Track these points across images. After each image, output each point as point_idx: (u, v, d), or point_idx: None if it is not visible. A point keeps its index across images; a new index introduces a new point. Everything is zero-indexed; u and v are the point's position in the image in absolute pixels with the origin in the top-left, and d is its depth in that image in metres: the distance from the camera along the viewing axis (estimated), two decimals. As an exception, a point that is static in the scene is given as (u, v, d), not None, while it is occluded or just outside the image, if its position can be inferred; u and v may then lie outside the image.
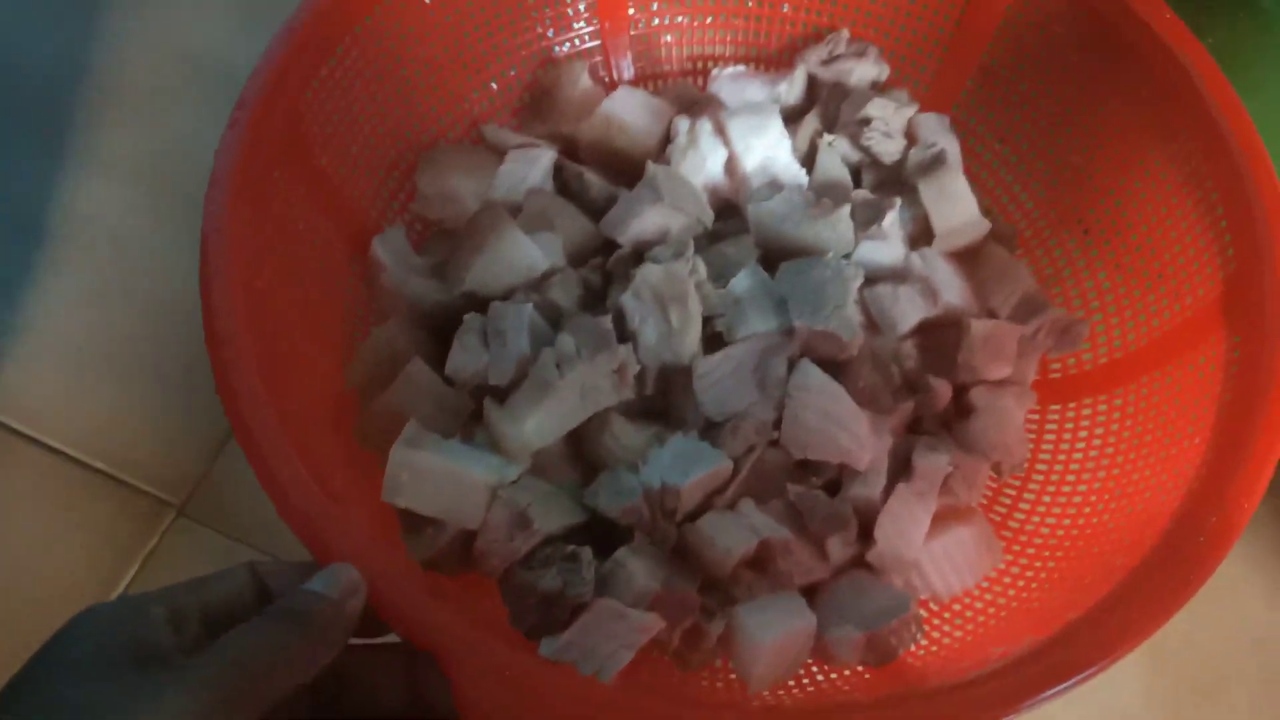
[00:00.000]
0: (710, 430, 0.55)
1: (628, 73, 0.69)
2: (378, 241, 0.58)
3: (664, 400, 0.56)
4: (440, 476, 0.50)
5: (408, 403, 0.53)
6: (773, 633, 0.50)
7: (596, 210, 0.61)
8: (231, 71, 0.79)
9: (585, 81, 0.64)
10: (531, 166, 0.62)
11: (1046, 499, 0.56)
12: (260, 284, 0.49)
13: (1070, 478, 0.56)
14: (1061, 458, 0.57)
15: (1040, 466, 0.57)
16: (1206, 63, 0.52)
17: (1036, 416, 0.59)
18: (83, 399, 0.68)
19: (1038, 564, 0.53)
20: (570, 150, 0.64)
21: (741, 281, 0.55)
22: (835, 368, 0.54)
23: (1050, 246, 0.62)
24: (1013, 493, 0.57)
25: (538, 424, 0.52)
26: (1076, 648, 0.42)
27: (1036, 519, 0.56)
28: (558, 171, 0.63)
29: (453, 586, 0.52)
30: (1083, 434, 0.57)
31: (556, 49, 0.67)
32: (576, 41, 0.67)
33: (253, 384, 0.46)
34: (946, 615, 0.54)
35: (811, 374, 0.53)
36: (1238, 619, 0.66)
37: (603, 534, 0.52)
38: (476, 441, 0.54)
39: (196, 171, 0.73)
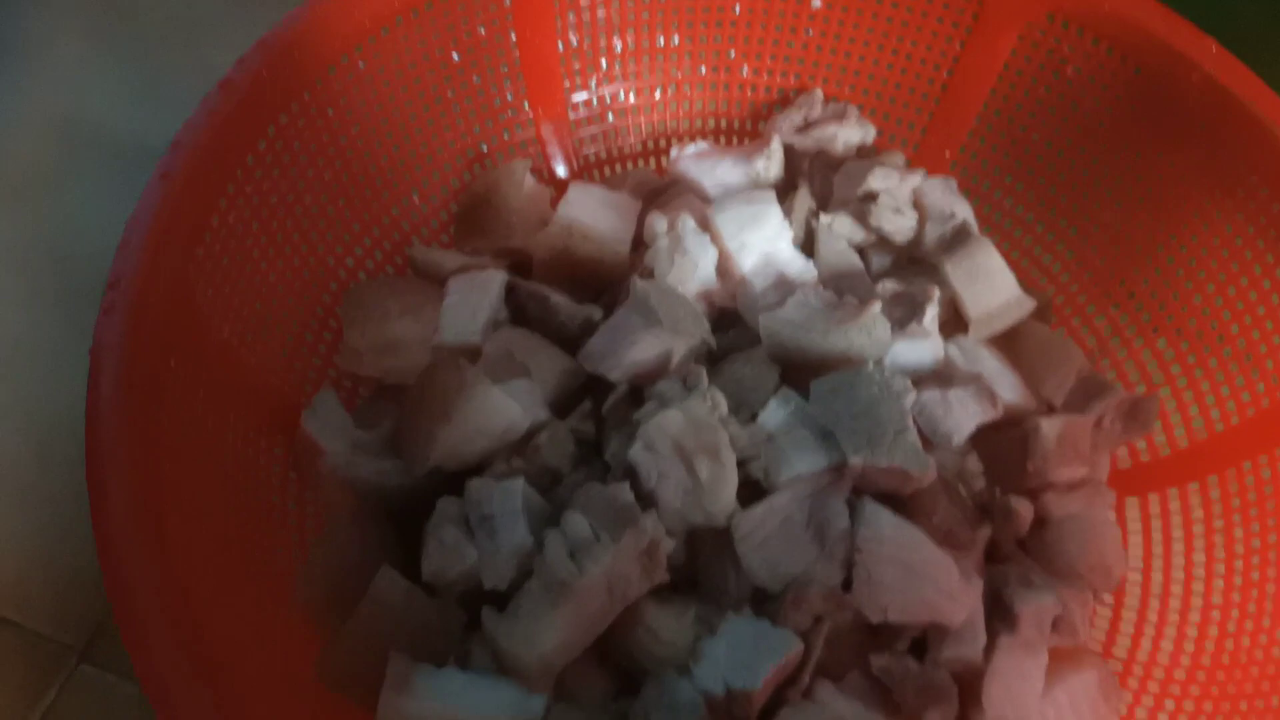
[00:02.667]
0: (763, 601, 0.44)
1: (569, 165, 0.58)
2: (307, 417, 0.46)
3: (693, 567, 0.46)
4: (449, 731, 0.38)
5: (382, 629, 0.42)
6: None
7: (569, 338, 0.50)
8: (121, 146, 0.68)
9: (529, 183, 0.54)
10: (482, 295, 0.50)
11: (1153, 616, 0.48)
12: (172, 518, 0.37)
13: (1176, 589, 0.48)
14: (1158, 563, 0.49)
15: (1134, 575, 0.49)
16: (1260, 89, 0.45)
17: (1114, 516, 0.51)
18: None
19: (1169, 704, 0.45)
20: (521, 265, 0.53)
21: (774, 413, 0.45)
22: (898, 503, 0.45)
23: (1090, 316, 0.54)
24: (1109, 613, 0.49)
25: (559, 637, 0.40)
26: None
27: (1148, 644, 0.47)
28: (511, 294, 0.52)
29: None
30: (1177, 533, 0.49)
31: (484, 145, 0.56)
32: (506, 134, 0.56)
33: (179, 667, 0.34)
34: (1075, 782, 0.45)
35: (882, 520, 0.43)
36: None
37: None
38: (476, 663, 0.42)
39: (86, 258, 0.62)
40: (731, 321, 0.52)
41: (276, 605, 0.43)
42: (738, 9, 0.54)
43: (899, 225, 0.52)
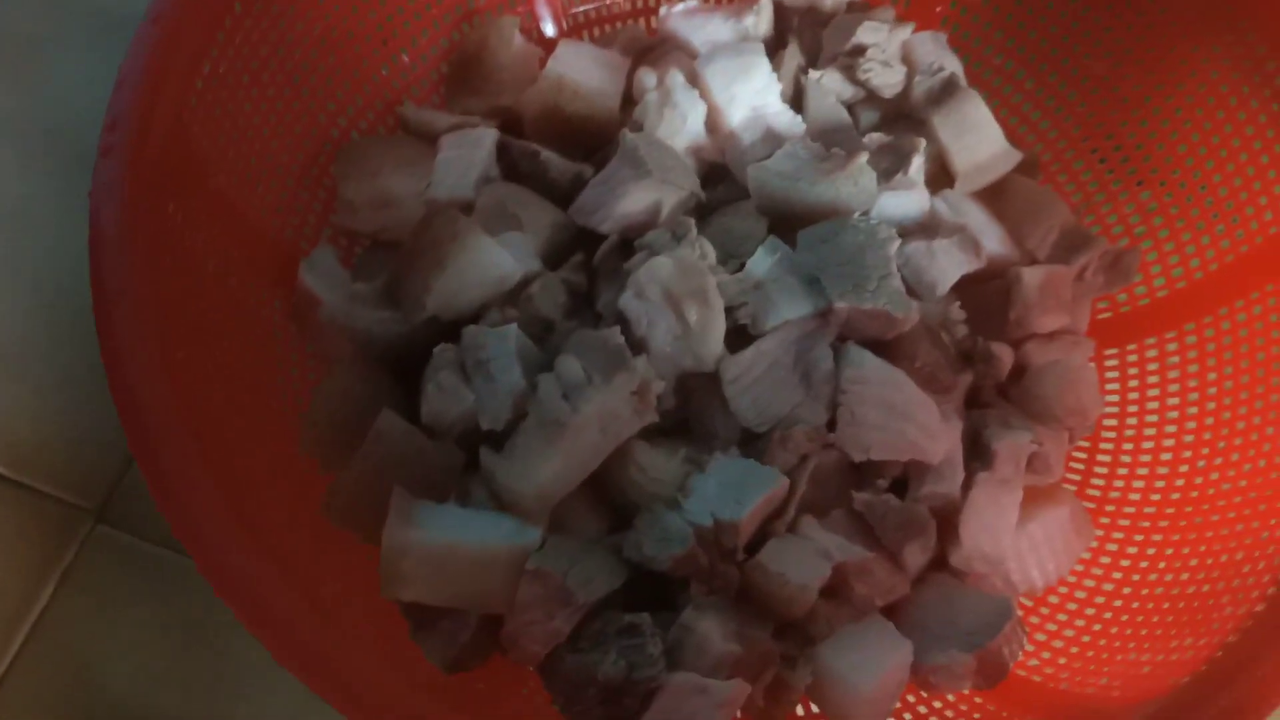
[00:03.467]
0: (750, 441, 0.46)
1: (559, 24, 0.58)
2: (305, 268, 0.47)
3: (683, 411, 0.48)
4: (449, 557, 0.40)
5: (384, 467, 0.43)
6: (870, 674, 0.42)
7: (560, 194, 0.51)
8: (110, 15, 0.66)
9: (518, 40, 0.54)
10: (474, 151, 0.51)
11: (1126, 458, 0.50)
12: (180, 354, 0.38)
13: (1150, 431, 0.49)
14: (1133, 409, 0.51)
15: (1109, 421, 0.51)
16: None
17: (1093, 364, 0.52)
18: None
19: (1138, 538, 0.47)
20: (512, 125, 0.54)
21: (761, 261, 0.46)
22: (883, 348, 0.46)
23: (1076, 171, 0.55)
24: (1084, 456, 0.51)
25: (554, 472, 0.42)
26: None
27: (1120, 483, 0.49)
28: (503, 153, 0.52)
29: (482, 686, 0.42)
30: (1153, 380, 0.51)
31: (472, 2, 0.55)
32: (497, -11, 0.56)
33: (202, 493, 0.36)
34: (1045, 612, 0.47)
35: (866, 362, 0.45)
36: None
37: (648, 584, 0.44)
38: (475, 501, 0.44)
39: (83, 127, 0.61)
40: (721, 175, 0.52)
41: (281, 446, 0.45)
42: None
43: (887, 79, 0.52)
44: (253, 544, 0.36)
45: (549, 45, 0.56)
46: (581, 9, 0.58)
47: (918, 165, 0.48)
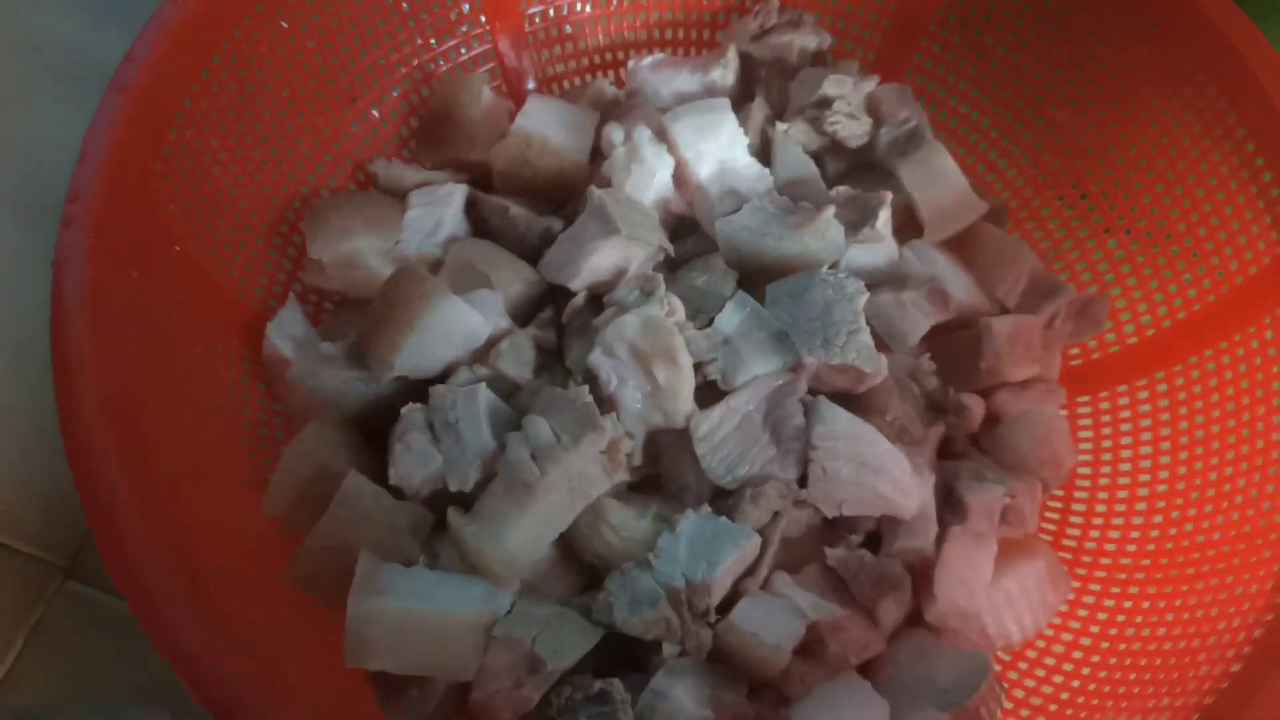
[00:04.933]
0: (720, 498, 0.46)
1: (528, 79, 0.58)
2: (272, 329, 0.47)
3: (654, 468, 0.47)
4: (417, 624, 0.40)
5: (351, 530, 0.43)
6: (845, 735, 0.42)
7: (529, 249, 0.51)
8: (83, 66, 0.66)
9: (487, 96, 0.54)
10: (443, 208, 0.51)
11: (1101, 508, 0.49)
12: (142, 426, 0.38)
13: (1124, 480, 0.49)
14: (1107, 457, 0.50)
15: (1083, 469, 0.51)
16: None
17: (1065, 411, 0.52)
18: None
19: (1114, 590, 0.46)
20: (481, 179, 0.54)
21: (730, 317, 0.46)
22: (854, 402, 0.46)
23: (1044, 219, 0.55)
24: (1059, 505, 0.51)
25: (524, 535, 0.42)
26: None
27: (1096, 534, 0.49)
28: (472, 207, 0.52)
29: (453, 756, 0.41)
30: (1126, 427, 0.50)
31: (441, 61, 0.56)
32: (463, 49, 0.56)
33: (160, 571, 0.35)
34: (1024, 666, 0.47)
35: (837, 418, 0.44)
36: None
37: (620, 648, 0.43)
38: (444, 564, 0.43)
39: (55, 179, 0.60)
40: (689, 229, 0.52)
41: (246, 511, 0.44)
42: (692, -84, 0.54)
43: (853, 130, 0.52)
44: (211, 625, 0.35)
45: (519, 99, 0.57)
46: (550, 65, 0.58)
47: (885, 218, 0.48)
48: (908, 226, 0.52)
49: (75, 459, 0.36)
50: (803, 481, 0.45)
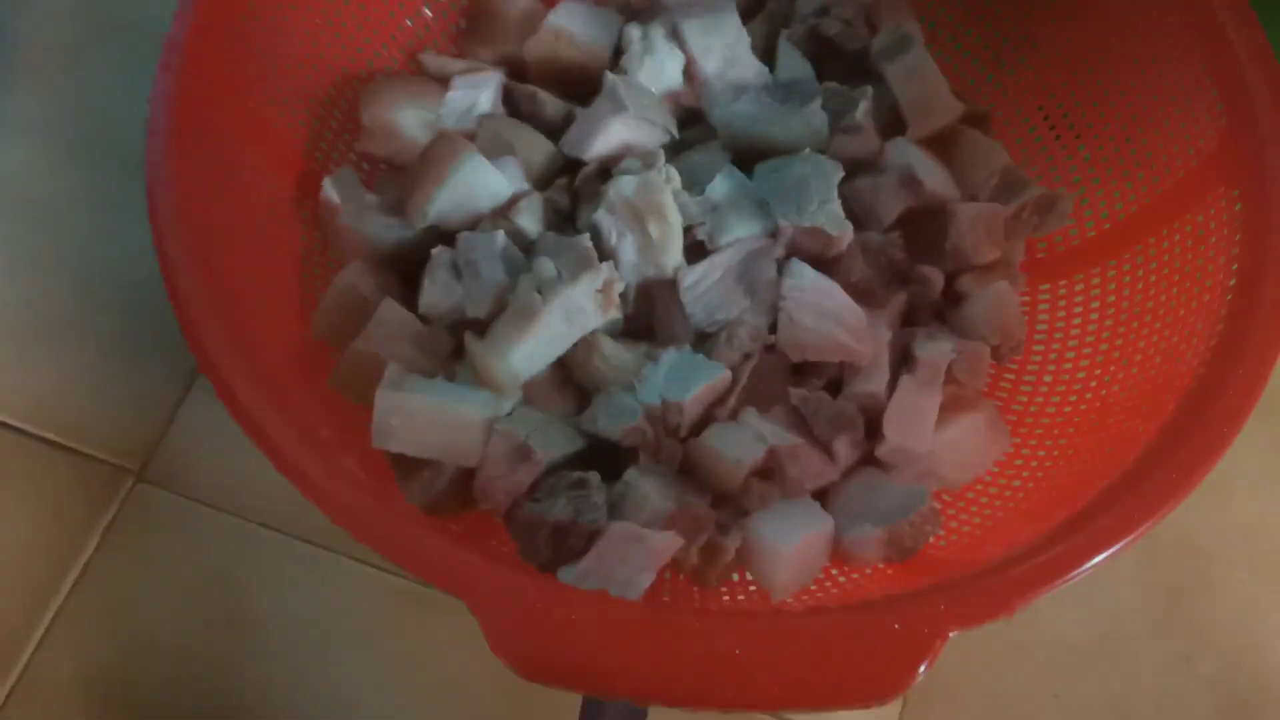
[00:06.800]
0: (703, 342, 0.52)
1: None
2: (329, 183, 0.54)
3: (649, 317, 0.54)
4: (431, 416, 0.48)
5: (384, 345, 0.50)
6: (792, 539, 0.48)
7: (554, 130, 0.58)
8: (144, 26, 0.75)
9: (526, -2, 0.61)
10: (480, 91, 0.58)
11: (1048, 378, 0.55)
12: (213, 238, 0.46)
13: (1070, 354, 0.55)
14: (1059, 335, 0.56)
15: (1038, 347, 0.56)
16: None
17: (1028, 297, 0.58)
18: (24, 370, 0.64)
19: (1048, 443, 0.52)
20: (517, 72, 0.61)
21: (719, 186, 0.53)
22: (825, 266, 0.52)
23: (1024, 125, 0.60)
24: (1013, 376, 0.56)
25: (525, 353, 0.49)
26: (1113, 515, 0.40)
27: (1040, 399, 0.54)
28: (507, 95, 0.59)
29: (456, 529, 0.49)
30: (1078, 309, 0.56)
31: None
32: (510, -44, 0.63)
33: (227, 342, 0.43)
34: (962, 504, 0.53)
35: (804, 273, 0.51)
36: (1227, 510, 0.64)
37: (605, 459, 0.50)
38: (460, 379, 0.51)
39: (117, 130, 0.71)
40: (695, 118, 0.59)
41: (299, 329, 0.52)
42: None
43: (849, 36, 0.58)
44: (270, 399, 0.43)
45: (554, 4, 0.64)
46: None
47: (864, 109, 0.55)
48: (895, 126, 0.58)
49: (166, 268, 0.44)
50: (773, 329, 0.52)
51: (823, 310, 0.51)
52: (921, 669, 0.37)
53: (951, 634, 0.37)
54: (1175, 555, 0.62)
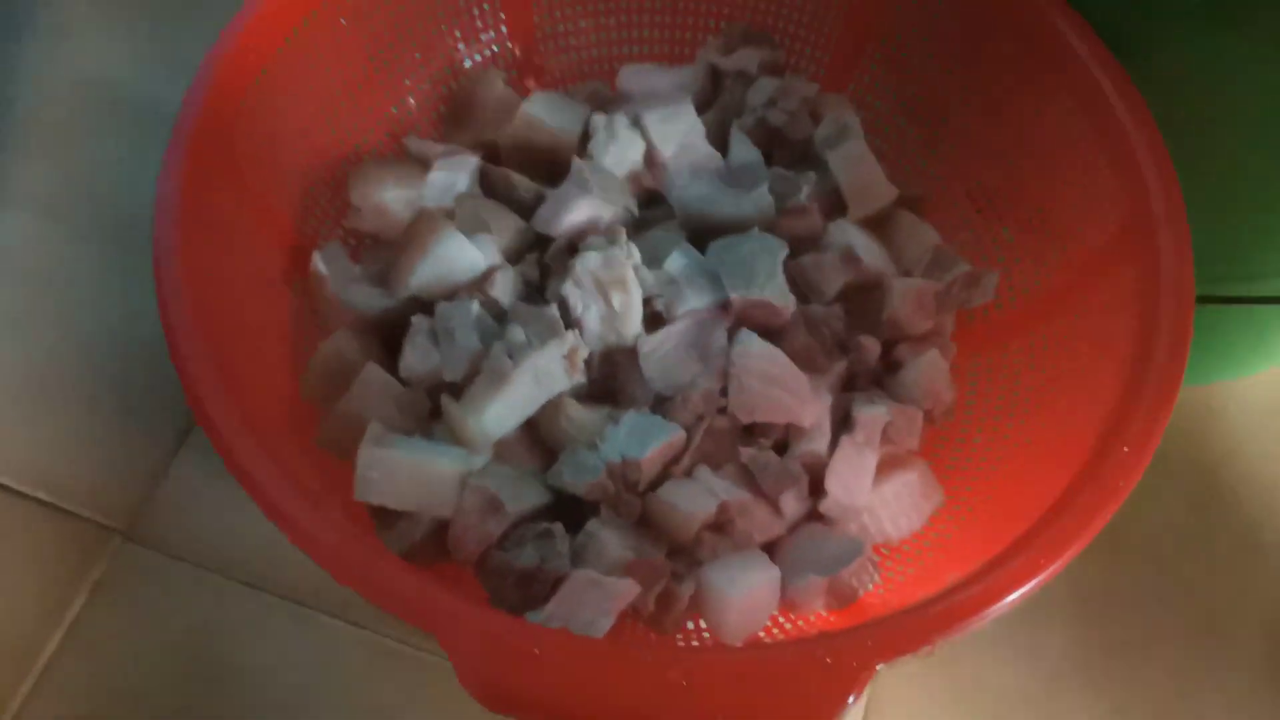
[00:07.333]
0: (660, 405, 0.57)
1: (537, 80, 0.71)
2: (318, 256, 0.59)
3: (611, 381, 0.59)
4: (409, 471, 0.52)
5: (367, 406, 0.55)
6: (740, 587, 0.52)
7: (526, 209, 0.63)
8: (145, 102, 0.80)
9: (501, 88, 0.66)
10: (459, 172, 0.63)
11: (978, 439, 0.60)
12: (213, 305, 0.50)
13: (997, 416, 0.60)
14: (987, 399, 0.61)
15: (968, 411, 0.61)
16: (1079, 24, 0.57)
17: (959, 365, 0.63)
18: (17, 430, 0.68)
19: (976, 497, 0.57)
20: (493, 155, 0.66)
21: (675, 261, 0.58)
22: (771, 335, 0.57)
23: (953, 206, 0.66)
24: (945, 437, 0.61)
25: (496, 413, 0.54)
26: (1020, 560, 0.45)
27: (970, 457, 0.59)
28: (484, 176, 0.65)
29: (431, 577, 0.53)
30: (1004, 375, 0.61)
31: (468, 60, 0.69)
32: (487, 52, 0.69)
33: (224, 400, 0.47)
34: (899, 555, 0.57)
35: (752, 341, 0.56)
36: (1159, 571, 0.69)
37: (570, 510, 0.55)
38: (437, 437, 0.55)
39: (115, 202, 0.76)
40: (655, 199, 0.64)
41: (288, 390, 0.56)
42: (673, -46, 0.67)
43: (795, 127, 0.64)
44: (262, 451, 0.47)
45: (528, 92, 0.69)
46: (556, 68, 0.71)
47: (807, 193, 0.60)
48: (837, 208, 0.64)
49: (169, 330, 0.48)
50: (724, 392, 0.57)
51: (769, 376, 0.55)
52: (850, 699, 0.41)
53: (878, 666, 0.41)
54: (1109, 611, 0.67)
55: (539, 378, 0.54)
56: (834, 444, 0.57)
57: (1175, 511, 0.71)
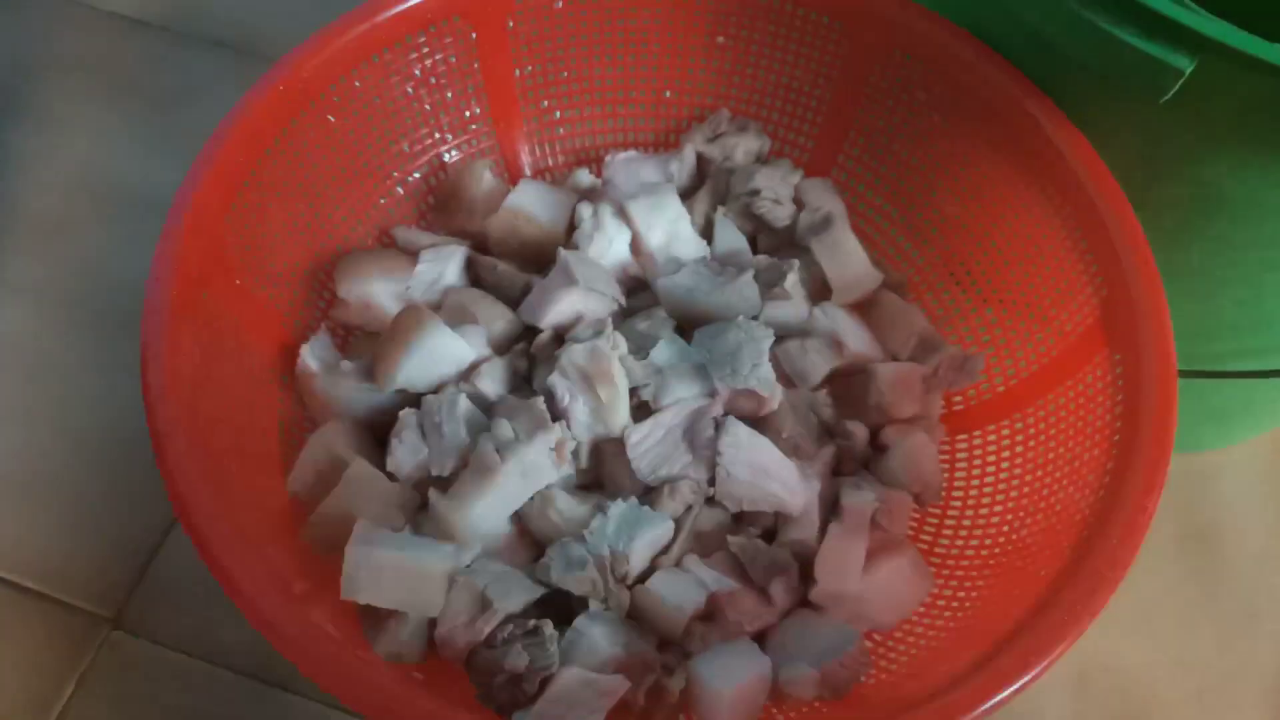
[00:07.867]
0: (648, 494, 0.57)
1: (525, 168, 0.72)
2: (306, 350, 0.59)
3: (599, 471, 0.59)
4: (397, 569, 0.51)
5: (354, 502, 0.55)
6: (731, 680, 0.52)
7: (513, 299, 0.64)
8: (135, 196, 0.81)
9: (488, 179, 0.67)
10: (445, 264, 0.64)
11: (967, 522, 0.60)
12: (200, 407, 0.51)
13: (985, 500, 0.60)
14: (975, 482, 0.61)
15: (956, 493, 0.61)
16: (1054, 114, 0.58)
17: (947, 448, 0.63)
18: (6, 518, 0.68)
19: (967, 584, 0.57)
20: (480, 245, 0.67)
21: (662, 351, 0.58)
22: (758, 423, 0.58)
23: (939, 290, 0.66)
24: (935, 520, 0.61)
25: (484, 508, 0.54)
26: (1012, 656, 0.45)
27: (960, 542, 0.59)
28: (470, 266, 0.65)
29: (420, 677, 0.52)
30: (991, 458, 0.61)
31: (455, 152, 0.70)
32: (474, 143, 0.70)
33: (209, 505, 0.47)
34: (890, 643, 0.57)
35: (739, 431, 0.56)
36: (1155, 642, 0.69)
37: (558, 606, 0.54)
38: (425, 532, 0.55)
39: (109, 293, 0.76)
40: (642, 289, 0.65)
41: (275, 485, 0.56)
42: (656, 45, 0.68)
43: (777, 214, 0.65)
44: (249, 554, 0.47)
45: (515, 181, 0.70)
46: (542, 156, 0.72)
47: (793, 280, 0.61)
48: (822, 293, 0.65)
49: (151, 423, 0.49)
50: (712, 482, 0.57)
51: (756, 465, 0.56)
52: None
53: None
54: (1112, 691, 0.67)
55: (526, 471, 0.54)
56: (823, 531, 0.56)
57: (1172, 580, 0.71)
